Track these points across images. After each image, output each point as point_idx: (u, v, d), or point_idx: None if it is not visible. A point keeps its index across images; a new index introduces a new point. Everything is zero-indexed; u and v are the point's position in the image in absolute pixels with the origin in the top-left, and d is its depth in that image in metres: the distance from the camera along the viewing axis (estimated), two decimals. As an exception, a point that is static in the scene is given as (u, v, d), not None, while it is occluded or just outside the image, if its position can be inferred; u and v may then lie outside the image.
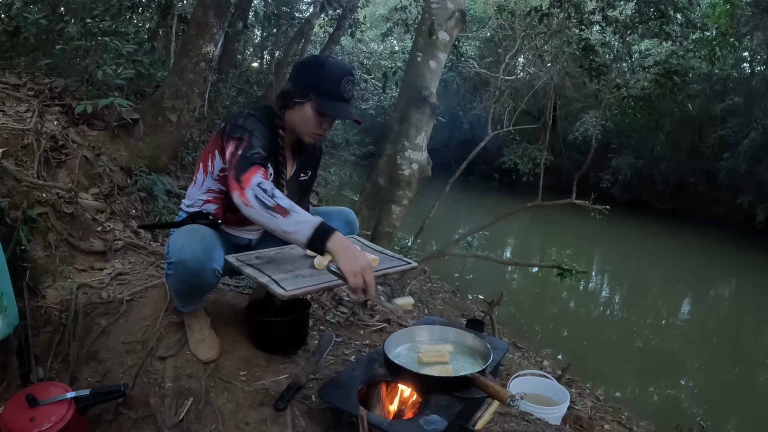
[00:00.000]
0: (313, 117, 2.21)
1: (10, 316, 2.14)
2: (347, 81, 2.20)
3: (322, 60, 2.25)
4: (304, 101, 2.20)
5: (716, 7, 12.82)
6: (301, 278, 2.04)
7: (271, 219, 1.91)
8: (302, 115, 2.22)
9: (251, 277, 2.07)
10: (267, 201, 1.92)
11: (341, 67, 2.23)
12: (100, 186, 3.47)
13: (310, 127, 2.24)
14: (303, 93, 2.20)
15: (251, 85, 7.76)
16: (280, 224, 1.91)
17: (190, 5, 6.20)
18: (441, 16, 5.97)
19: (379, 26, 16.67)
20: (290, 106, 2.24)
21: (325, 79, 2.17)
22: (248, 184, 1.96)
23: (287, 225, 1.91)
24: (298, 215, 1.92)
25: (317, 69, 2.19)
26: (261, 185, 1.95)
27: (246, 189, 1.95)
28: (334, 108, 2.19)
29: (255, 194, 1.93)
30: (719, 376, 6.97)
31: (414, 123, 5.82)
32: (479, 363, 2.18)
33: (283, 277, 2.02)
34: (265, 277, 2.02)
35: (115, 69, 3.89)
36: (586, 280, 10.37)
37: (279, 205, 1.92)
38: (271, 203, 1.92)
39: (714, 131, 16.50)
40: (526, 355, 5.94)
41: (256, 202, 1.92)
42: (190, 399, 2.24)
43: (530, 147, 10.37)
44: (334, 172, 9.32)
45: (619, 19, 6.51)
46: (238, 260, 2.19)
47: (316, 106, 2.19)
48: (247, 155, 2.06)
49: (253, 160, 2.04)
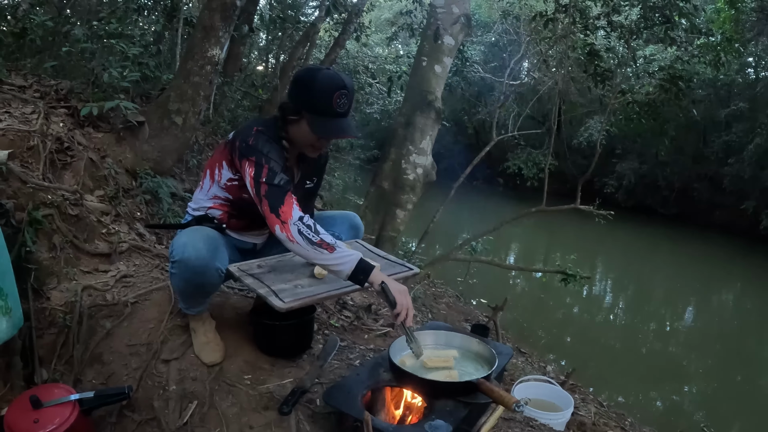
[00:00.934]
0: (309, 133, 2.19)
1: (15, 318, 2.15)
2: (339, 95, 2.12)
3: (312, 74, 2.16)
4: (298, 118, 2.19)
5: (721, 12, 12.79)
6: (300, 288, 2.10)
7: (316, 254, 2.03)
8: (299, 131, 2.22)
9: (251, 288, 2.10)
10: (312, 237, 2.03)
11: (332, 81, 2.13)
12: (105, 188, 3.47)
13: (309, 141, 2.24)
14: (296, 110, 2.18)
15: (256, 89, 7.76)
16: (325, 259, 2.04)
17: (196, 8, 6.21)
18: (446, 20, 5.99)
19: (384, 30, 16.67)
20: (288, 122, 2.24)
21: (315, 95, 2.12)
22: (289, 218, 2.04)
23: (332, 260, 2.03)
24: (341, 250, 2.05)
25: (308, 84, 2.13)
26: (303, 220, 2.06)
27: (288, 224, 2.04)
28: (326, 127, 2.16)
29: (299, 229, 2.03)
30: (723, 382, 6.94)
31: (419, 127, 5.83)
32: (484, 368, 2.18)
33: (282, 288, 2.08)
34: (265, 288, 2.08)
35: (120, 71, 3.89)
36: (590, 285, 10.35)
37: (324, 241, 2.04)
38: (315, 239, 2.03)
39: (719, 137, 16.44)
40: (530, 361, 5.93)
41: (301, 238, 2.02)
42: (194, 402, 2.24)
43: (534, 152, 10.40)
44: (339, 176, 9.31)
45: (624, 24, 6.49)
46: (240, 270, 2.21)
47: (309, 124, 2.17)
48: (274, 183, 2.09)
49: (284, 189, 2.10)
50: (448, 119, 10.91)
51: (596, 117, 15.01)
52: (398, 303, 2.04)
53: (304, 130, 2.19)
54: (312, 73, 2.17)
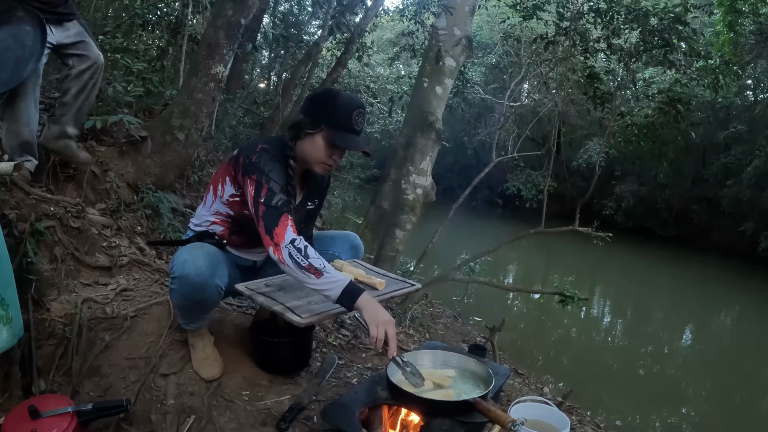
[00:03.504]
0: (324, 147, 2.25)
1: (15, 328, 2.15)
2: (358, 113, 2.24)
3: (335, 92, 2.30)
4: (315, 132, 2.24)
5: (720, 35, 12.87)
6: (315, 304, 2.13)
7: (304, 277, 2.06)
8: (313, 145, 2.26)
9: (265, 306, 2.14)
10: (301, 261, 2.05)
11: (353, 101, 2.28)
12: (107, 201, 3.49)
13: (321, 157, 2.28)
14: (315, 124, 2.24)
15: (258, 106, 7.82)
16: (313, 283, 2.06)
17: (200, 25, 6.26)
18: (448, 42, 6.03)
19: (386, 51, 16.80)
20: (301, 137, 2.28)
21: (337, 111, 2.22)
22: (282, 240, 2.08)
23: (319, 284, 2.05)
24: (329, 275, 2.06)
25: (330, 101, 2.24)
26: (294, 243, 2.08)
27: (281, 247, 2.07)
28: (345, 139, 2.23)
29: (290, 253, 2.06)
30: (721, 405, 6.92)
31: (419, 148, 5.85)
32: (481, 388, 2.18)
33: (297, 305, 2.11)
34: (279, 305, 2.11)
35: (125, 86, 3.92)
36: (588, 306, 10.33)
37: (312, 266, 2.05)
38: (304, 263, 2.05)
39: (717, 159, 16.53)
40: (527, 381, 5.90)
41: (291, 261, 2.05)
42: (192, 417, 2.24)
43: (534, 173, 10.42)
44: (338, 195, 9.34)
45: (624, 47, 6.54)
46: (249, 289, 2.23)
47: (327, 137, 2.23)
48: (272, 204, 2.13)
49: (280, 210, 2.13)
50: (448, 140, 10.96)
51: (596, 139, 15.09)
52: (371, 334, 2.02)
53: (319, 144, 2.24)
54: (333, 92, 2.33)
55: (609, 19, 6.35)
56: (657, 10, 6.09)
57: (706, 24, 13.47)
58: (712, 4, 11.33)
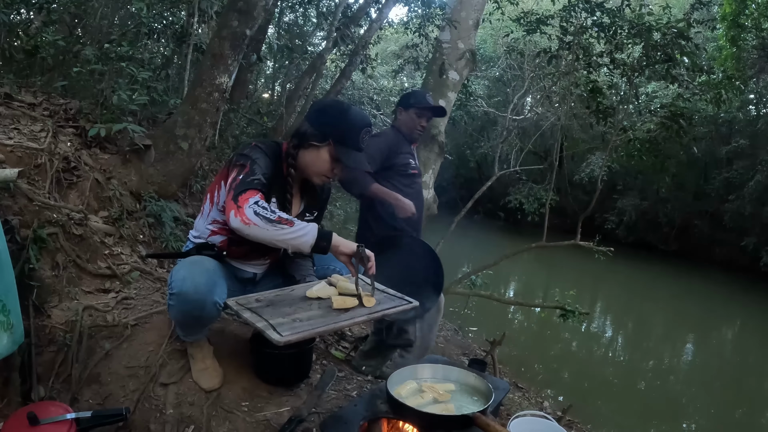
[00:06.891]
0: (328, 161, 2.25)
1: (16, 334, 2.15)
2: (366, 132, 2.26)
3: (345, 107, 2.29)
4: (321, 145, 2.24)
5: (723, 50, 12.94)
6: (299, 322, 2.04)
7: (276, 231, 1.98)
8: (318, 158, 2.26)
9: (249, 322, 2.08)
10: (269, 215, 1.99)
11: (363, 119, 2.27)
12: (110, 209, 3.49)
13: (324, 170, 2.28)
14: (322, 137, 2.24)
15: (261, 116, 7.81)
16: (286, 233, 1.99)
17: (206, 34, 6.28)
18: (452, 56, 6.06)
19: (390, 63, 16.84)
20: (305, 147, 2.28)
21: (347, 128, 2.22)
22: (245, 203, 2.00)
23: (294, 232, 2.00)
24: (300, 223, 2.02)
25: (340, 116, 2.24)
26: (258, 203, 2.01)
27: (243, 207, 1.99)
28: (351, 157, 2.24)
29: (255, 210, 1.99)
30: (722, 420, 6.86)
31: (422, 160, 5.86)
32: (481, 402, 2.17)
33: (281, 322, 2.03)
34: (263, 321, 2.03)
35: (129, 94, 3.93)
36: (589, 321, 10.29)
37: (282, 218, 2.00)
38: (273, 217, 1.99)
39: (719, 173, 16.55)
40: (527, 396, 5.88)
41: (258, 219, 1.98)
42: (191, 427, 2.23)
43: (536, 187, 10.40)
44: (340, 206, 9.31)
45: (627, 62, 6.56)
46: (238, 304, 2.20)
47: (333, 152, 2.23)
48: (246, 180, 2.10)
49: (252, 185, 2.09)
50: (451, 153, 10.99)
51: (598, 153, 15.11)
52: None
53: (323, 157, 2.25)
54: (344, 106, 2.30)
55: (612, 33, 6.39)
56: (660, 25, 6.12)
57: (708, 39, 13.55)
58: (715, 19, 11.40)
